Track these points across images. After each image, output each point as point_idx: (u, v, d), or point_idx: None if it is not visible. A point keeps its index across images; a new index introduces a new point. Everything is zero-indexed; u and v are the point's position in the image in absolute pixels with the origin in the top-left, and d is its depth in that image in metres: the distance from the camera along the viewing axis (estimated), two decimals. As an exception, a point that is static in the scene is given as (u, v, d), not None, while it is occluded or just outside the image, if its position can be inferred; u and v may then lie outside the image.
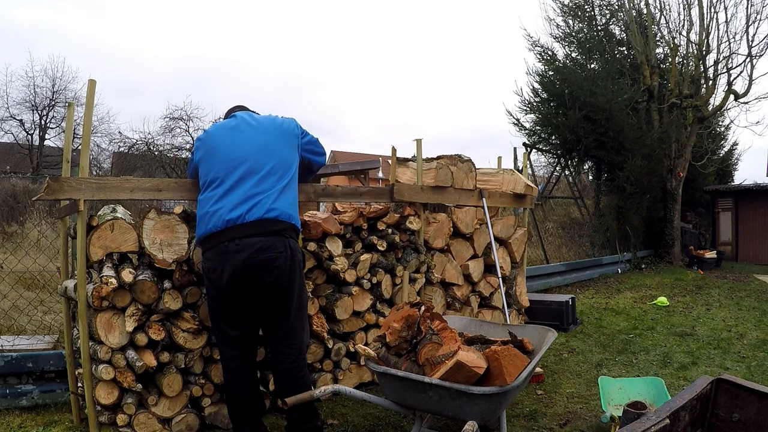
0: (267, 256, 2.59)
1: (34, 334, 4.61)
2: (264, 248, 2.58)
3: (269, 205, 2.64)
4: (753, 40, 12.92)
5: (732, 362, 4.61)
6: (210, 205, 2.67)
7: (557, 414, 3.46)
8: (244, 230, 2.58)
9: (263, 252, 2.58)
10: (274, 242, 2.62)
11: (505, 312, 4.62)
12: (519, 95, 19.13)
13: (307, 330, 2.91)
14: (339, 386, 2.60)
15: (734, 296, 8.55)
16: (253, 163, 2.70)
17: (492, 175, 5.21)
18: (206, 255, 2.69)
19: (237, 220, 2.58)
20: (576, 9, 14.49)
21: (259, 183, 2.67)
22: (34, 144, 22.71)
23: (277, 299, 2.69)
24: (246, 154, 2.72)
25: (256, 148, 2.75)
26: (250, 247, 2.57)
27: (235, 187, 2.65)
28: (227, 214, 2.60)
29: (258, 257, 2.57)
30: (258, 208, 2.61)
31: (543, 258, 10.46)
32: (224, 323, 2.74)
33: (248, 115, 2.97)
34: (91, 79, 2.85)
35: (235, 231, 2.58)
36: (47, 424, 3.15)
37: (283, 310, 2.73)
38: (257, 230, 2.59)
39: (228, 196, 2.64)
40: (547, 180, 15.01)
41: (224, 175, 2.69)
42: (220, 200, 2.65)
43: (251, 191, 2.64)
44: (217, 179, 2.70)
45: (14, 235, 9.22)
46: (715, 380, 2.11)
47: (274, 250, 2.61)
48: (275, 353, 2.80)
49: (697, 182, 16.14)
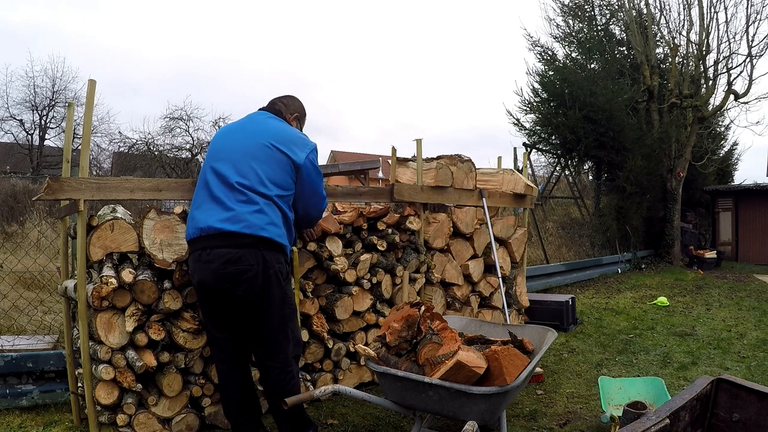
0: (235, 268, 2.50)
1: (34, 334, 4.61)
2: (233, 260, 2.50)
3: (244, 219, 2.52)
4: (753, 40, 12.93)
5: (732, 362, 4.61)
6: (192, 210, 2.67)
7: (557, 414, 3.46)
8: (215, 241, 2.52)
9: (231, 264, 2.50)
10: (245, 255, 2.51)
11: (505, 312, 4.62)
12: (519, 95, 19.14)
13: (295, 339, 2.77)
14: (339, 386, 2.60)
15: (734, 296, 8.55)
16: (237, 170, 2.61)
17: (492, 175, 5.21)
18: (188, 259, 2.71)
19: (209, 230, 2.53)
20: (576, 9, 14.50)
21: (236, 193, 2.56)
22: (34, 144, 22.73)
23: (253, 312, 2.61)
24: (235, 159, 2.65)
25: (243, 155, 2.65)
26: (219, 258, 2.50)
27: (213, 196, 2.60)
28: (201, 222, 2.56)
29: (226, 269, 2.50)
30: (230, 222, 2.51)
31: (543, 258, 10.46)
32: (211, 326, 2.73)
33: (261, 114, 2.92)
34: (91, 79, 2.85)
35: (208, 240, 2.54)
36: (47, 424, 3.15)
37: (263, 322, 2.64)
38: (228, 242, 2.51)
39: (205, 204, 2.60)
40: (547, 180, 15.02)
41: (209, 179, 2.65)
42: (199, 207, 2.62)
43: (228, 202, 2.55)
44: (203, 182, 2.69)
45: (14, 235, 9.21)
46: (715, 380, 2.11)
47: (244, 263, 2.51)
48: (260, 367, 2.75)
49: (697, 182, 16.14)
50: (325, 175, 8.49)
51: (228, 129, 2.91)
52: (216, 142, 2.83)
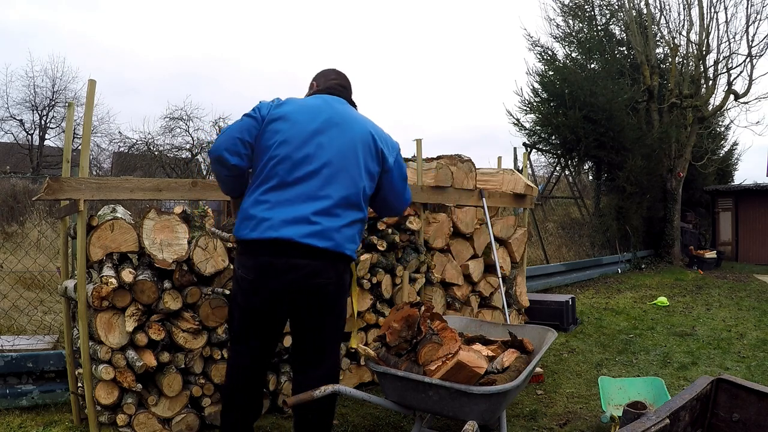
0: (315, 282, 2.31)
1: (34, 334, 4.61)
2: (313, 274, 2.29)
3: (331, 238, 2.29)
4: (753, 40, 12.95)
5: (732, 362, 4.61)
6: (262, 210, 2.30)
7: (557, 414, 3.46)
8: (294, 251, 2.26)
9: (312, 278, 2.29)
10: (325, 267, 2.32)
11: (505, 312, 4.62)
12: (519, 95, 19.15)
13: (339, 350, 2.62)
14: (339, 386, 2.59)
15: (734, 296, 8.55)
16: (326, 173, 2.33)
17: (492, 175, 5.22)
18: (244, 261, 2.36)
19: (289, 240, 2.25)
20: (576, 9, 14.51)
21: (326, 199, 2.31)
22: (34, 144, 22.72)
23: (314, 321, 2.42)
24: (327, 160, 2.34)
25: (336, 157, 2.35)
26: (300, 269, 2.27)
27: (297, 199, 2.30)
28: (278, 230, 2.25)
29: (308, 282, 2.29)
30: (315, 237, 2.26)
31: (543, 258, 10.47)
32: (248, 332, 2.46)
33: (346, 107, 2.53)
34: (91, 79, 2.85)
35: (285, 248, 2.26)
36: (47, 424, 3.15)
37: (321, 330, 2.45)
38: (308, 253, 2.28)
39: (285, 207, 2.29)
40: (547, 180, 15.03)
41: (289, 177, 2.32)
42: (274, 208, 2.29)
43: (317, 207, 2.29)
44: (280, 179, 2.32)
45: (14, 235, 9.22)
46: (715, 380, 2.11)
47: (323, 276, 2.32)
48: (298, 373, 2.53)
49: (697, 182, 16.15)
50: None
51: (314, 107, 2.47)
52: (299, 126, 2.39)
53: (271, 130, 2.37)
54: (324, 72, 2.71)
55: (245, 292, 2.38)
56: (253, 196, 2.35)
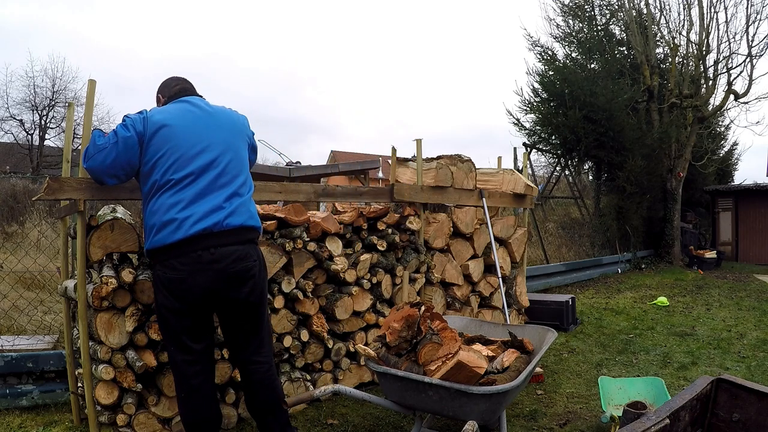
0: (244, 265, 2.41)
1: (34, 334, 4.61)
2: (241, 258, 2.40)
3: (248, 210, 2.47)
4: (753, 40, 12.94)
5: (732, 362, 4.61)
6: (177, 211, 2.34)
7: (557, 414, 3.46)
8: (220, 239, 2.36)
9: (240, 261, 2.40)
10: (249, 251, 2.45)
11: (505, 312, 4.63)
12: (519, 95, 19.17)
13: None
14: (339, 386, 2.60)
15: (734, 296, 8.55)
16: (222, 161, 2.47)
17: (492, 175, 5.22)
18: (169, 263, 2.36)
19: (214, 228, 2.35)
20: (576, 9, 14.51)
21: (231, 184, 2.46)
22: (34, 144, 22.73)
23: (252, 311, 2.52)
24: (217, 152, 2.47)
25: (223, 145, 2.51)
26: (227, 257, 2.36)
27: (209, 189, 2.40)
28: (202, 222, 2.33)
29: (236, 267, 2.39)
30: (237, 215, 2.41)
31: (543, 258, 10.47)
32: (186, 337, 2.44)
33: (203, 101, 2.66)
34: (91, 79, 2.85)
35: (211, 239, 2.34)
36: (47, 424, 3.15)
37: (257, 321, 2.56)
38: (234, 239, 2.40)
39: (201, 201, 2.37)
40: (547, 180, 15.03)
41: (190, 173, 2.39)
42: (190, 205, 2.35)
43: (227, 193, 2.43)
44: (183, 178, 2.38)
45: (14, 235, 9.22)
46: (715, 380, 2.11)
47: (250, 259, 2.44)
48: (244, 365, 2.59)
49: (697, 182, 16.15)
50: (325, 175, 8.50)
51: (186, 110, 2.56)
52: (179, 129, 2.47)
53: (157, 141, 2.42)
54: (165, 83, 2.79)
55: (179, 294, 2.37)
56: (164, 203, 2.38)
